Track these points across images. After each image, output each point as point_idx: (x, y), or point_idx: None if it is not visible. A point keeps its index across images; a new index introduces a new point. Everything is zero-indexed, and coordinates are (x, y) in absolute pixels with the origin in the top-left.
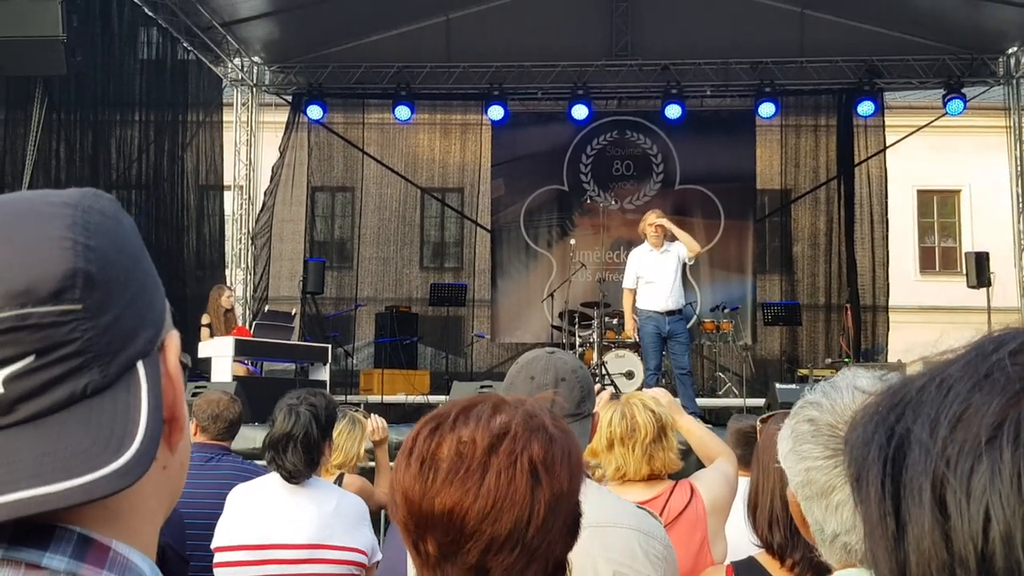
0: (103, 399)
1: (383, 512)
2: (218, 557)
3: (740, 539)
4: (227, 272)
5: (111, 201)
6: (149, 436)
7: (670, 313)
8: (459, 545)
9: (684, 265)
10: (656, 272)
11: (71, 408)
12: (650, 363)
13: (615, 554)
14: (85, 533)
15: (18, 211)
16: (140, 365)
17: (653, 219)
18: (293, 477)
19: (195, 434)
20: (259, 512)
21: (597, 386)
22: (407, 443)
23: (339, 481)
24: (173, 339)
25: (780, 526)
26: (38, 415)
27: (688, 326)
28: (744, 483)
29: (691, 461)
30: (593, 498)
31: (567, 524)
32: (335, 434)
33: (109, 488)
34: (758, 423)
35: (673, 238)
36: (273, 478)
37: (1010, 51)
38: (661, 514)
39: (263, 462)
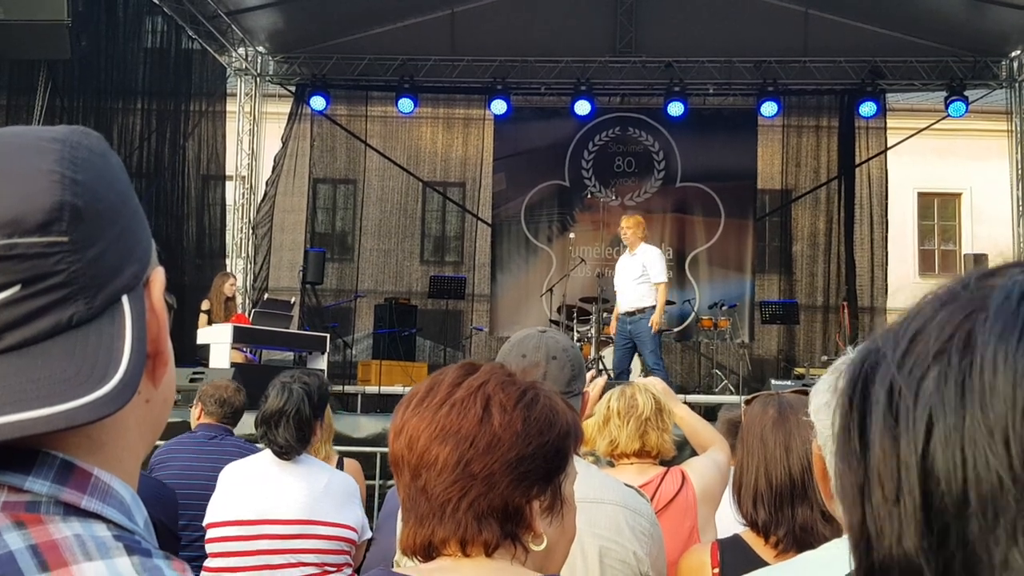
0: (88, 330)
1: (375, 497)
2: (210, 533)
3: (730, 527)
4: (227, 261)
5: (99, 139)
6: (132, 367)
7: (629, 314)
8: (416, 469)
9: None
10: (619, 275)
11: (56, 338)
12: (617, 363)
13: (601, 529)
14: (68, 459)
15: (6, 144)
16: (125, 299)
17: (625, 224)
18: (284, 453)
19: (199, 417)
20: (250, 488)
21: (592, 371)
22: None
23: (339, 466)
24: (158, 275)
25: (764, 504)
26: (23, 343)
27: (686, 323)
28: None
29: (686, 454)
30: (581, 475)
31: (521, 472)
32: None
33: (91, 415)
34: (743, 405)
35: (648, 240)
36: (265, 455)
37: (1013, 54)
38: (652, 500)
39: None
